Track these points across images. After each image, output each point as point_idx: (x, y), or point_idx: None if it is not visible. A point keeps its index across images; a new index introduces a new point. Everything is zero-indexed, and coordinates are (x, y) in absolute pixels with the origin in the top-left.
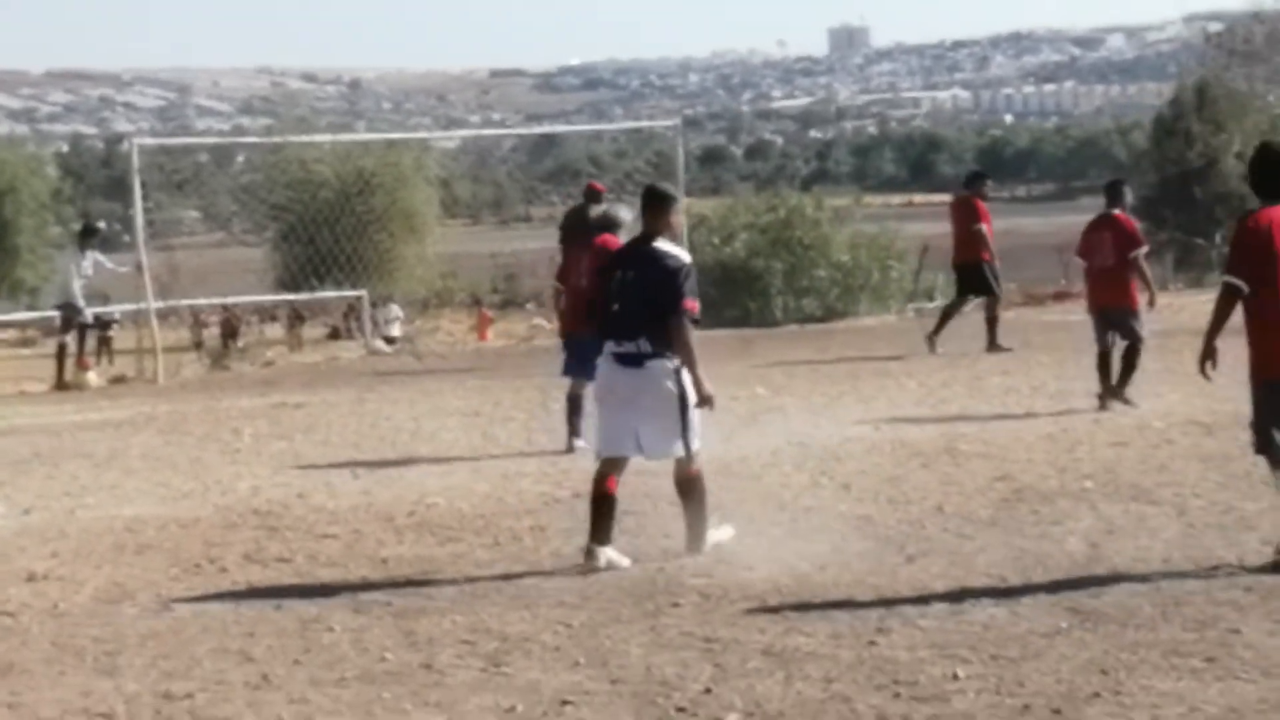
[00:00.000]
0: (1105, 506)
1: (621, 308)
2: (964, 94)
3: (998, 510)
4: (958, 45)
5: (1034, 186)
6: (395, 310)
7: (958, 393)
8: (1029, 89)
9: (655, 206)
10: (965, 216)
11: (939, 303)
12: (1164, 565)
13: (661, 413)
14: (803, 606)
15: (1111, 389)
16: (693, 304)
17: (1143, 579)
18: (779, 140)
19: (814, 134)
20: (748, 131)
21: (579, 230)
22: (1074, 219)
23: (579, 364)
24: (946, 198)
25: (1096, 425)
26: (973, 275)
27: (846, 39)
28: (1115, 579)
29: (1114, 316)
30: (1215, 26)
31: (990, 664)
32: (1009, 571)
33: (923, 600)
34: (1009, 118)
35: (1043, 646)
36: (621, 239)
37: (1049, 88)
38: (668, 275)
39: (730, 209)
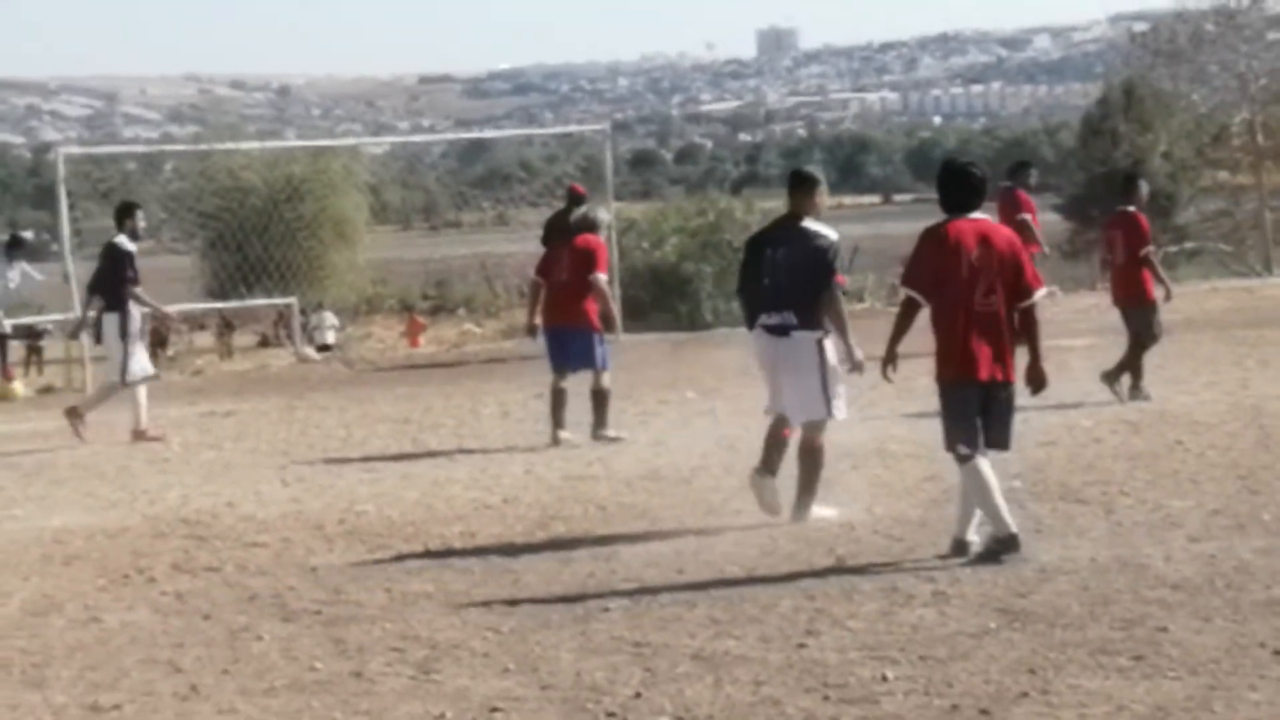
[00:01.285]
0: (1033, 506)
1: (772, 282)
2: (892, 96)
3: (927, 511)
4: (886, 47)
5: None
6: (330, 318)
7: (887, 394)
8: (957, 90)
9: (801, 188)
10: (1009, 208)
11: (868, 304)
12: (1091, 564)
13: (804, 381)
14: (732, 610)
15: (1133, 384)
16: (842, 278)
17: (1070, 578)
18: (708, 144)
19: (743, 137)
20: (677, 135)
21: (563, 230)
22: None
23: (563, 356)
24: (876, 199)
25: (1024, 425)
26: None
27: (775, 41)
28: (1043, 578)
29: (1129, 313)
30: (1140, 27)
31: (919, 665)
32: (938, 572)
33: (852, 602)
34: (937, 119)
35: (971, 647)
36: (601, 238)
37: (976, 89)
38: (820, 252)
39: (660, 213)
